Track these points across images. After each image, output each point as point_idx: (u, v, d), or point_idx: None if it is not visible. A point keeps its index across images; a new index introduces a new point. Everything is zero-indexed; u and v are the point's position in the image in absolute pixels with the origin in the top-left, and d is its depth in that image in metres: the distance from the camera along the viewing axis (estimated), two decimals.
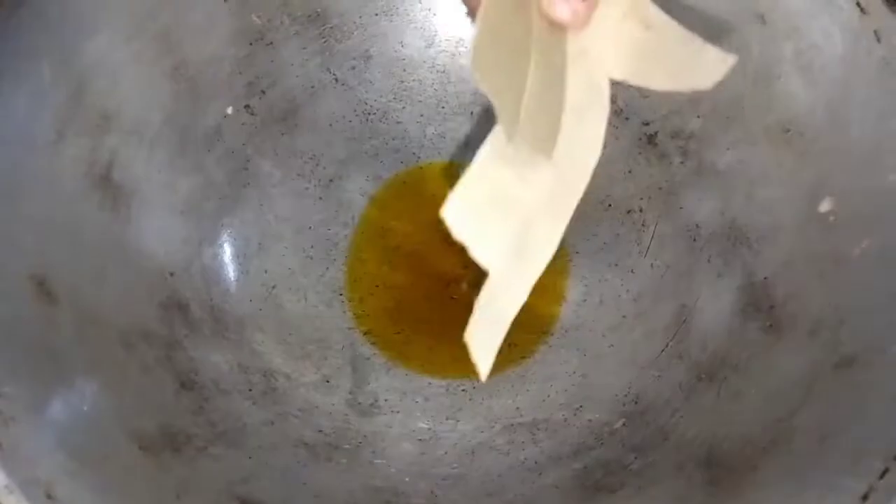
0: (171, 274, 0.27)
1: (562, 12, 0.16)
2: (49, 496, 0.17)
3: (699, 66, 0.19)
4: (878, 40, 0.24)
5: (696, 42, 0.19)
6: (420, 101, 0.33)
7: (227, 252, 0.29)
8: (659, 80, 0.20)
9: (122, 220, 0.26)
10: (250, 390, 0.27)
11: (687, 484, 0.22)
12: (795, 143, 0.27)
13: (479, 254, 0.23)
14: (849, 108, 0.25)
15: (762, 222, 0.27)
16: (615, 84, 0.31)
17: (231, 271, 0.29)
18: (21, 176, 0.23)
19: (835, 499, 0.19)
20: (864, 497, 0.18)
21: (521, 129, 0.19)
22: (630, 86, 0.31)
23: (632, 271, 0.30)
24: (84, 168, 0.25)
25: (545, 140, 0.19)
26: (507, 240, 0.21)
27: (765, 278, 0.26)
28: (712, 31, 0.28)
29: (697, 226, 0.29)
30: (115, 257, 0.26)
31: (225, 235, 0.29)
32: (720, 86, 0.29)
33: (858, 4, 0.24)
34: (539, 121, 0.18)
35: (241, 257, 0.29)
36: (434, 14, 0.33)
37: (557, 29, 0.17)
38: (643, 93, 0.31)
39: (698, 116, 0.30)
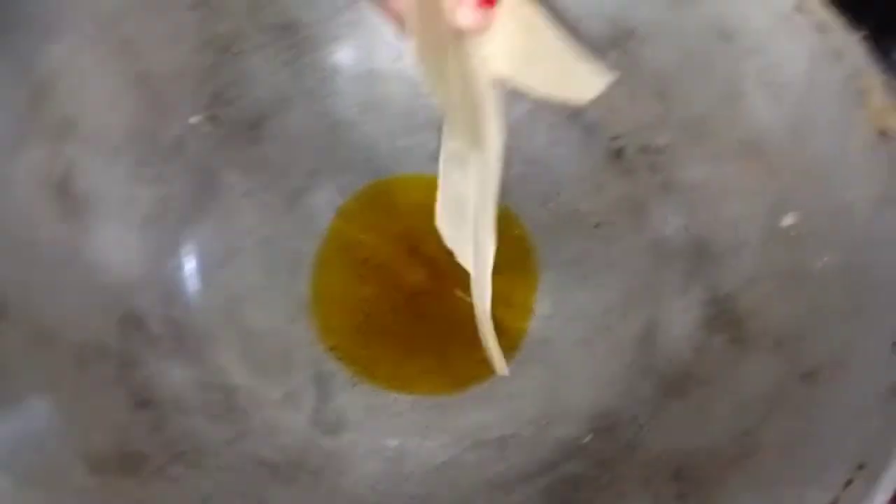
0: (129, 287, 0.26)
1: (464, 18, 0.18)
2: None
3: (577, 78, 0.20)
4: (839, 59, 0.25)
5: (574, 53, 0.20)
6: (389, 114, 0.33)
7: (189, 265, 0.28)
8: (538, 83, 0.21)
9: (79, 231, 0.25)
10: (210, 408, 0.26)
11: (655, 498, 0.22)
12: (759, 159, 0.27)
13: (462, 259, 0.24)
14: (811, 125, 0.26)
15: (727, 237, 0.28)
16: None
17: (192, 285, 0.28)
18: None
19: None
20: (834, 502, 0.18)
21: (455, 126, 0.20)
22: (598, 101, 0.31)
23: (600, 285, 0.30)
24: (41, 176, 0.24)
25: (474, 134, 0.21)
26: (470, 238, 0.22)
27: (729, 293, 0.26)
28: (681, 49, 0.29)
29: (664, 241, 0.29)
30: (70, 270, 0.25)
31: (187, 248, 0.29)
32: (688, 102, 0.30)
33: (818, 24, 0.25)
34: (465, 117, 0.20)
35: (203, 270, 0.29)
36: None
37: (464, 33, 0.18)
38: (612, 108, 0.31)
39: (667, 132, 0.30)
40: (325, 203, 0.31)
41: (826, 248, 0.25)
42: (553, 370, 0.28)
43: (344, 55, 0.32)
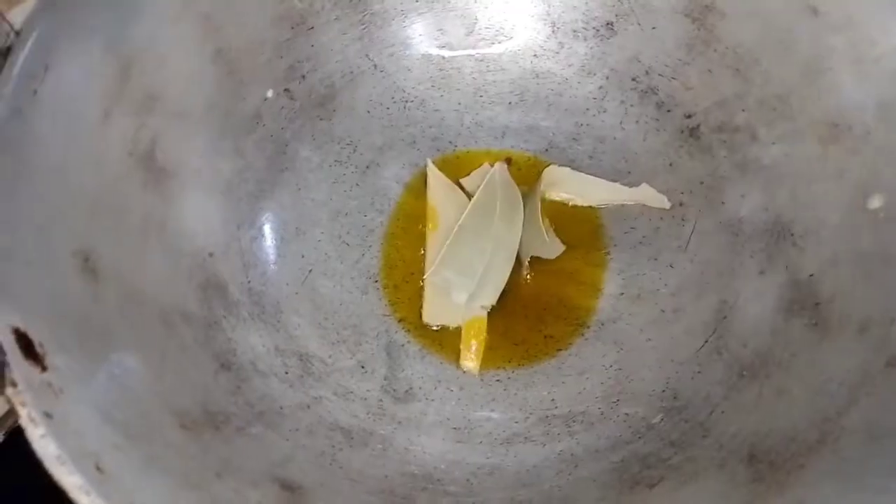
0: (211, 255, 0.27)
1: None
2: (98, 468, 0.17)
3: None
4: None
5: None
6: (458, 90, 0.33)
7: (266, 235, 0.29)
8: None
9: (164, 200, 0.26)
10: (287, 373, 0.27)
11: (730, 480, 0.22)
12: (844, 138, 0.26)
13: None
14: None
15: (807, 218, 0.27)
16: (657, 76, 0.31)
17: (269, 254, 0.29)
18: (69, 153, 0.23)
19: (887, 501, 0.18)
20: None
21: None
22: (673, 77, 0.31)
23: (671, 266, 0.29)
24: (129, 147, 0.25)
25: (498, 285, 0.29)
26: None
27: (810, 275, 0.26)
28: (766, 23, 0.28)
29: (740, 221, 0.28)
30: (156, 236, 0.26)
31: (263, 219, 0.29)
32: (768, 78, 0.29)
33: None
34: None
35: (278, 241, 0.29)
36: (475, 1, 0.32)
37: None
38: (687, 84, 0.30)
39: (743, 110, 0.29)
40: (394, 177, 0.31)
41: None
42: (622, 349, 0.28)
43: (414, 31, 0.32)
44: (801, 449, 0.21)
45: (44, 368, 0.19)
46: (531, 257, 0.30)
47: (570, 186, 0.31)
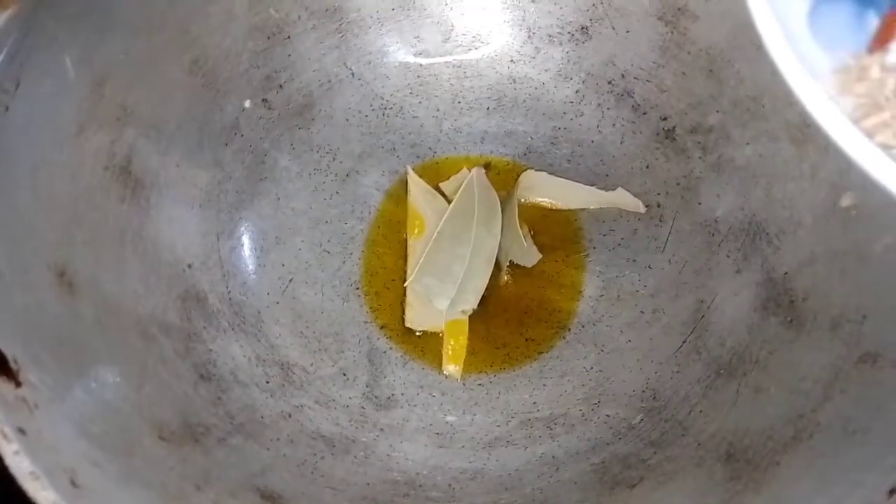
0: (189, 266, 0.27)
1: None
2: (73, 483, 0.17)
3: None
4: None
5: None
6: (436, 96, 0.33)
7: (245, 245, 0.29)
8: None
9: (141, 212, 0.26)
10: (268, 382, 0.27)
11: (708, 479, 0.22)
12: (816, 137, 0.26)
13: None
14: None
15: (782, 217, 0.27)
16: (633, 79, 0.31)
17: (248, 264, 0.29)
18: (43, 167, 0.23)
19: (861, 494, 0.19)
20: (892, 491, 0.18)
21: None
22: (647, 80, 0.31)
23: (649, 267, 0.29)
24: (104, 160, 0.25)
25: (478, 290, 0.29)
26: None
27: (785, 273, 0.26)
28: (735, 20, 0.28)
29: (716, 221, 0.29)
30: (134, 249, 0.26)
31: (242, 228, 0.29)
32: (741, 80, 0.29)
33: None
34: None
35: (258, 250, 0.29)
36: (451, 8, 0.32)
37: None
38: (661, 87, 0.31)
39: (718, 111, 0.29)
40: (374, 185, 0.32)
41: (887, 228, 0.24)
42: (602, 351, 0.28)
43: (391, 38, 0.32)
44: (778, 446, 0.22)
45: (18, 384, 0.19)
46: (510, 261, 0.30)
47: (546, 191, 0.31)
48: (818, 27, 0.17)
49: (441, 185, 0.31)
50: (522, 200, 0.31)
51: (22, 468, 0.17)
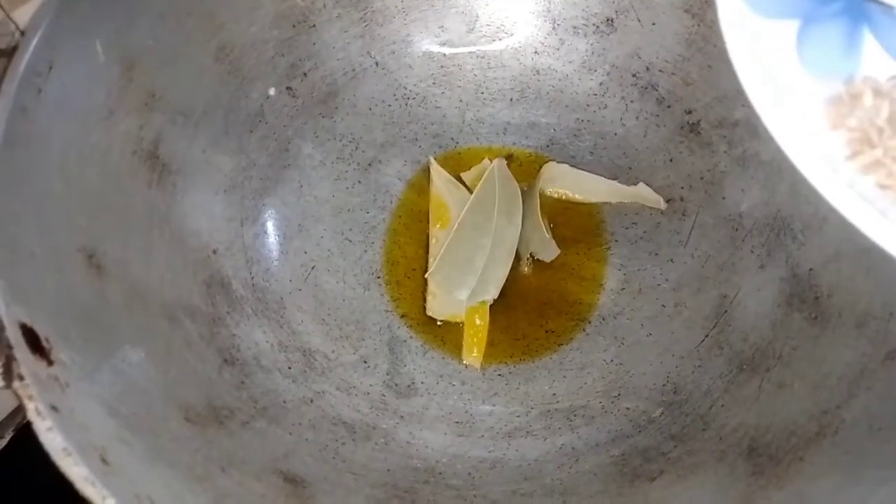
0: (215, 251, 0.28)
1: None
2: (104, 461, 0.18)
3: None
4: None
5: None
6: (459, 87, 0.33)
7: (269, 232, 0.29)
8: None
9: (168, 197, 0.27)
10: (290, 368, 0.27)
11: (729, 473, 0.22)
12: None
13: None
14: None
15: (807, 213, 0.27)
16: (657, 72, 0.31)
17: (272, 251, 0.29)
18: (74, 150, 0.23)
19: (887, 491, 0.19)
20: None
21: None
22: (673, 73, 0.31)
23: (671, 260, 0.29)
24: (132, 145, 0.26)
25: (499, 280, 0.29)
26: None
27: (810, 270, 0.26)
28: None
29: (740, 216, 0.28)
30: (161, 233, 0.26)
31: (266, 215, 0.30)
32: None
33: None
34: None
35: (281, 237, 0.30)
36: None
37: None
38: (687, 80, 0.30)
39: (743, 105, 0.29)
40: (396, 174, 0.32)
41: None
42: (623, 344, 0.28)
43: (415, 28, 0.32)
44: (801, 442, 0.22)
45: (50, 363, 0.19)
46: (531, 254, 0.30)
47: (567, 183, 0.31)
48: (808, 52, 0.16)
49: (462, 174, 0.31)
50: (544, 192, 0.31)
51: (55, 444, 0.17)
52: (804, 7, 0.17)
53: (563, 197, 0.31)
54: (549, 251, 0.30)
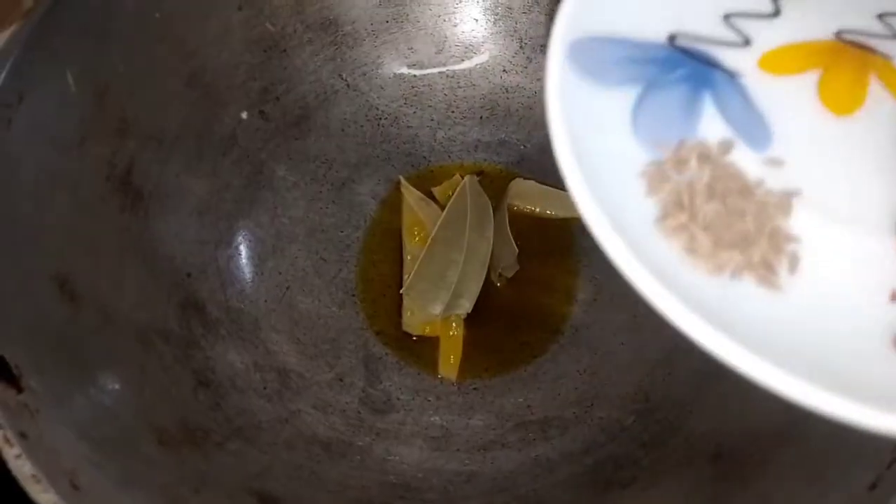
0: (189, 275, 0.28)
1: None
2: (73, 486, 0.18)
3: None
4: None
5: None
6: (430, 106, 0.33)
7: (243, 253, 0.30)
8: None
9: (141, 222, 0.27)
10: (265, 388, 0.27)
11: (697, 478, 0.22)
12: None
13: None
14: None
15: None
16: None
17: (246, 272, 0.30)
18: (45, 178, 0.24)
19: (844, 489, 0.19)
20: (872, 486, 0.18)
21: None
22: None
23: None
24: (105, 171, 0.26)
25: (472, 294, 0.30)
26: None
27: None
28: None
29: None
30: (134, 258, 0.26)
31: (240, 237, 0.30)
32: None
33: None
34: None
35: (256, 259, 0.30)
36: (444, 20, 0.33)
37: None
38: None
39: None
40: (370, 193, 0.32)
41: None
42: (595, 354, 0.28)
43: (385, 50, 0.33)
44: (765, 444, 0.22)
45: (20, 390, 0.19)
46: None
47: (536, 199, 0.31)
48: (643, 118, 0.16)
49: (433, 189, 0.32)
50: (514, 208, 0.31)
51: (24, 471, 0.17)
52: (647, 73, 0.17)
53: (533, 212, 0.32)
54: (512, 266, 0.30)
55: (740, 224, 0.16)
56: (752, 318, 0.15)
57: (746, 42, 0.18)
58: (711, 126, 0.17)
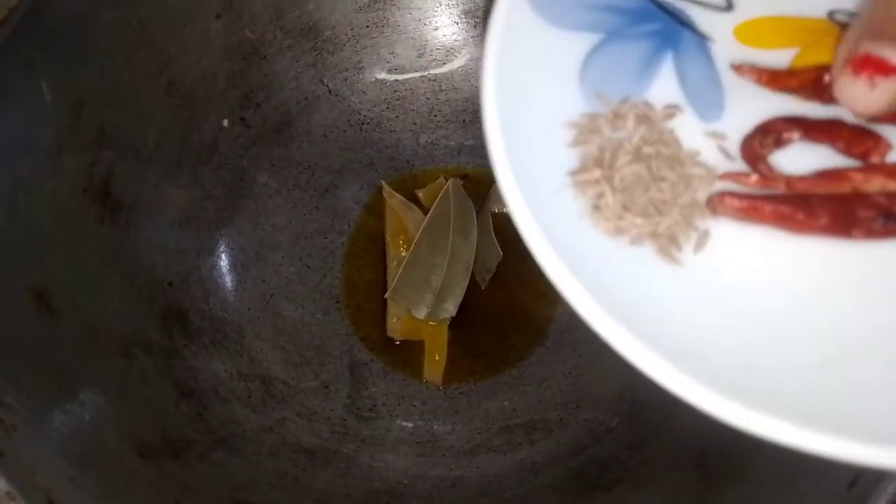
0: (170, 284, 0.28)
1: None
2: (50, 502, 0.18)
3: None
4: None
5: None
6: (412, 110, 0.33)
7: (225, 262, 0.30)
8: None
9: (121, 232, 0.27)
10: (249, 397, 0.27)
11: (681, 479, 0.22)
12: None
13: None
14: None
15: None
16: None
17: (229, 281, 0.29)
18: (23, 191, 0.23)
19: (824, 486, 0.19)
20: (852, 484, 0.19)
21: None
22: None
23: None
24: (83, 182, 0.26)
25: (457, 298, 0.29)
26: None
27: None
28: None
29: None
30: (114, 269, 0.26)
31: (223, 246, 0.30)
32: None
33: None
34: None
35: (238, 267, 0.30)
36: (424, 24, 0.33)
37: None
38: None
39: None
40: (353, 199, 0.32)
41: None
42: (580, 356, 0.28)
43: (366, 55, 0.33)
44: (748, 445, 0.22)
45: None
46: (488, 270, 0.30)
47: None
48: (592, 70, 0.15)
49: (417, 191, 0.32)
50: (498, 211, 0.31)
51: None
52: (612, 23, 0.16)
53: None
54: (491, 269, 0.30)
55: (656, 191, 0.15)
56: (639, 287, 0.14)
57: (729, 6, 0.17)
58: (663, 88, 0.16)
